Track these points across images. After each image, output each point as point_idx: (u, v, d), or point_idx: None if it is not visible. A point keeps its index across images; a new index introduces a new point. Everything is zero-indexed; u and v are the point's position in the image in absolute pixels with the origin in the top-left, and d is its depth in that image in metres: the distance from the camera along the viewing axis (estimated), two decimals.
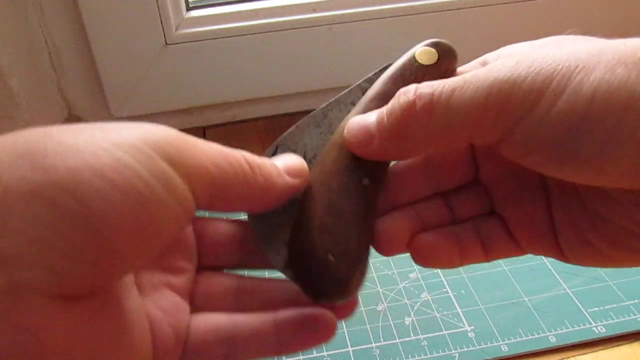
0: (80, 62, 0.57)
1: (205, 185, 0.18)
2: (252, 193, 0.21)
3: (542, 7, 0.61)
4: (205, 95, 0.59)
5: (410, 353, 0.35)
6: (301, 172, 0.23)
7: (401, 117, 0.21)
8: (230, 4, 0.57)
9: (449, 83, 0.20)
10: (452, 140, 0.21)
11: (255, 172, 0.21)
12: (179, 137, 0.19)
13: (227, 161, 0.20)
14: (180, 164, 0.17)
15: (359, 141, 0.22)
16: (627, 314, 0.37)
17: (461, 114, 0.20)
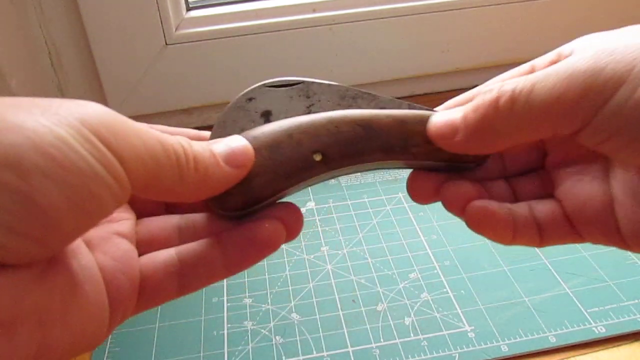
0: (80, 62, 0.57)
1: (138, 171, 0.18)
2: (185, 186, 0.20)
3: (543, 7, 0.61)
4: (205, 95, 0.59)
5: (410, 353, 0.35)
6: (243, 160, 0.22)
7: (485, 112, 0.22)
8: (230, 4, 0.57)
9: (530, 78, 0.21)
10: (535, 133, 0.22)
11: (190, 165, 0.20)
12: (117, 121, 0.19)
13: (164, 152, 0.19)
14: (115, 148, 0.18)
15: (444, 134, 0.23)
16: (627, 314, 0.37)
17: (542, 107, 0.20)
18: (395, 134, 0.24)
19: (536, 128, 0.21)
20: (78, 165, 0.16)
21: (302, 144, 0.24)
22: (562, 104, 0.20)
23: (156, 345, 0.37)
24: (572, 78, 0.20)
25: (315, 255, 0.44)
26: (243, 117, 0.25)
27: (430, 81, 0.64)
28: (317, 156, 0.24)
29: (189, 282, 0.23)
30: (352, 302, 0.39)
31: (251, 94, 0.26)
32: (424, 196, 0.26)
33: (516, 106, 0.21)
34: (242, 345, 0.36)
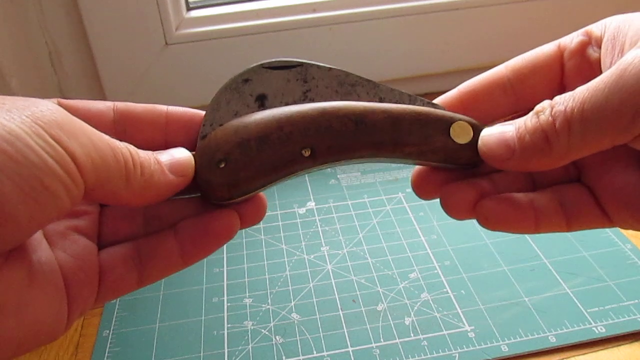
0: (80, 62, 0.57)
1: (88, 171, 0.19)
2: (131, 190, 0.21)
3: (543, 7, 0.61)
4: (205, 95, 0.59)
5: (410, 353, 0.35)
6: (186, 170, 0.23)
7: (544, 136, 0.22)
8: (230, 4, 0.57)
9: (578, 96, 0.21)
10: (593, 148, 0.21)
11: (136, 170, 0.21)
12: (68, 121, 0.19)
13: (113, 155, 0.20)
14: (67, 146, 0.18)
15: (498, 155, 0.23)
16: (627, 314, 0.37)
17: (597, 124, 0.20)
18: (387, 132, 0.24)
19: (595, 144, 0.21)
20: (30, 159, 0.17)
21: (291, 139, 0.23)
22: (619, 119, 0.20)
23: (156, 345, 0.37)
24: (624, 90, 0.19)
25: (316, 255, 0.44)
26: (237, 100, 0.25)
27: (430, 81, 0.64)
28: (306, 151, 0.24)
29: (147, 274, 0.24)
30: (352, 302, 0.39)
31: (247, 74, 0.26)
32: (429, 193, 0.26)
33: (572, 128, 0.21)
34: (242, 345, 0.36)
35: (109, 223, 0.25)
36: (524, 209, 0.24)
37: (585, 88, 0.21)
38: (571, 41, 0.26)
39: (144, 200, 0.22)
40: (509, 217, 0.24)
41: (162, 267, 0.24)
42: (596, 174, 0.25)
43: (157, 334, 0.37)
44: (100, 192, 0.20)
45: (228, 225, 0.24)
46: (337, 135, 0.24)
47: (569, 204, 0.25)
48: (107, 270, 0.23)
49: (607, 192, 0.24)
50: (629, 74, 0.19)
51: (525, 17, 0.61)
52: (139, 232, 0.25)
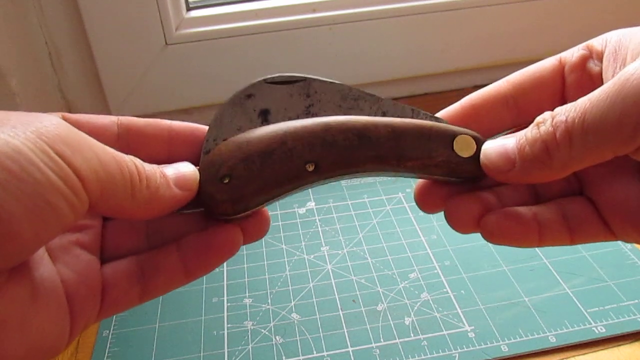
0: (80, 62, 0.57)
1: (93, 184, 0.19)
2: (136, 203, 0.21)
3: (543, 7, 0.61)
4: (205, 95, 0.59)
5: (410, 353, 0.35)
6: (191, 185, 0.23)
7: (543, 147, 0.22)
8: (230, 4, 0.57)
9: (579, 107, 0.21)
10: (595, 159, 0.21)
11: (142, 183, 0.21)
12: (74, 135, 0.19)
13: (119, 168, 0.20)
14: (71, 161, 0.18)
15: (500, 167, 0.23)
16: (627, 314, 0.37)
17: (598, 134, 0.20)
18: (391, 147, 0.24)
19: (596, 156, 0.21)
20: (35, 176, 0.17)
21: (295, 154, 0.23)
22: (620, 129, 0.20)
23: (156, 345, 0.37)
24: (626, 100, 0.19)
25: (316, 255, 0.44)
26: (241, 115, 0.25)
27: (430, 81, 0.64)
28: (310, 166, 0.23)
29: (150, 289, 0.24)
30: (352, 302, 0.39)
31: (250, 90, 0.26)
32: (433, 206, 0.26)
33: (574, 138, 0.21)
34: (242, 345, 0.36)
35: (112, 237, 0.25)
36: (528, 224, 0.24)
37: (586, 98, 0.21)
38: (572, 55, 0.26)
39: (148, 214, 0.22)
40: (513, 231, 0.24)
41: (164, 283, 0.24)
42: (598, 187, 0.25)
43: (157, 334, 0.37)
44: (105, 206, 0.20)
45: (231, 240, 0.24)
46: (341, 150, 0.24)
47: (572, 218, 0.25)
48: (110, 285, 0.23)
49: (609, 206, 0.24)
50: (631, 85, 0.19)
51: (525, 17, 0.61)
52: (142, 247, 0.25)
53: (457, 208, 0.25)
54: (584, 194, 0.26)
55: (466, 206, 0.25)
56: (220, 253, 0.24)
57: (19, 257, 0.18)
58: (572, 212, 0.25)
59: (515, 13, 0.61)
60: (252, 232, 0.25)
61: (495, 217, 0.24)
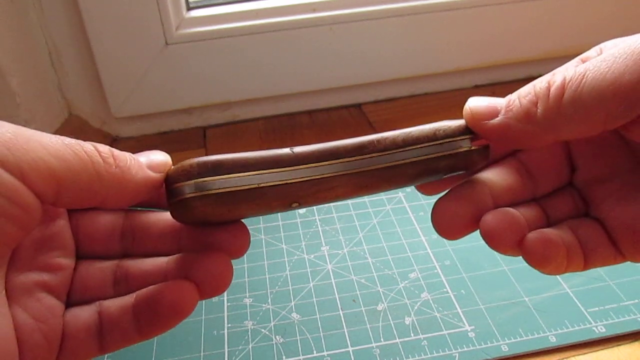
0: (80, 62, 0.57)
1: (45, 179, 0.17)
2: (106, 185, 0.19)
3: (543, 7, 0.61)
4: (205, 95, 0.59)
5: (410, 353, 0.35)
6: (164, 168, 0.22)
7: (532, 99, 0.21)
8: (230, 4, 0.57)
9: (580, 68, 0.20)
10: (584, 124, 0.20)
11: (109, 162, 0.20)
12: (11, 133, 0.17)
13: (70, 150, 0.18)
14: (11, 162, 0.16)
15: (480, 113, 0.22)
16: (627, 314, 0.37)
17: (595, 93, 0.19)
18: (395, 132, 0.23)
19: (587, 118, 0.20)
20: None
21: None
22: (618, 88, 0.19)
23: (156, 345, 0.37)
24: (628, 59, 0.19)
25: (316, 255, 0.44)
26: None
27: (430, 81, 0.65)
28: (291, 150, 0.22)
29: (107, 344, 0.22)
30: (353, 301, 0.39)
31: None
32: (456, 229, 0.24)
33: (567, 94, 0.20)
34: (242, 345, 0.36)
35: (80, 278, 0.23)
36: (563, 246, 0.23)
37: (590, 62, 0.20)
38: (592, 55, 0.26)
39: (124, 197, 0.21)
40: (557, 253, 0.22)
41: (118, 339, 0.22)
42: (606, 206, 0.24)
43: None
44: (70, 195, 0.19)
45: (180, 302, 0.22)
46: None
47: (584, 242, 0.23)
48: (69, 334, 0.22)
49: (618, 226, 0.23)
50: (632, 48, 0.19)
51: (525, 17, 0.61)
52: (108, 291, 0.23)
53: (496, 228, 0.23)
54: (591, 215, 0.24)
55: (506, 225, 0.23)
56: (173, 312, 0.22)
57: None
58: (584, 236, 0.23)
59: (515, 13, 0.61)
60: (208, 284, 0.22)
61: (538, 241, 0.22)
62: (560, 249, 0.22)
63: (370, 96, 0.65)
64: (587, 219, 0.24)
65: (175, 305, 0.22)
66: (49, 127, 0.57)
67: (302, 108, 0.63)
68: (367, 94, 0.65)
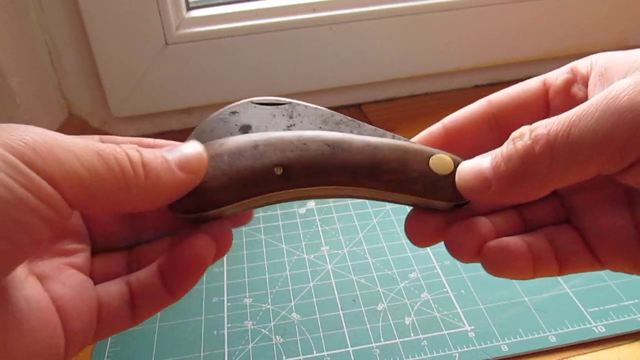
0: (80, 62, 0.57)
1: (77, 191, 0.18)
2: (136, 195, 0.20)
3: (543, 7, 0.61)
4: (205, 95, 0.59)
5: (410, 353, 0.35)
6: (197, 167, 0.22)
7: (520, 162, 0.20)
8: (230, 4, 0.57)
9: (563, 120, 0.20)
10: (577, 176, 0.20)
11: (138, 171, 0.20)
12: (44, 140, 0.18)
13: (104, 162, 0.19)
14: (44, 169, 0.17)
15: (475, 188, 0.22)
16: (627, 314, 0.37)
17: (586, 150, 0.19)
18: (365, 159, 0.24)
19: (579, 172, 0.20)
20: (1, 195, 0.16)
21: (264, 156, 0.23)
22: (608, 144, 0.19)
23: (156, 345, 0.37)
24: (615, 116, 0.18)
25: (316, 255, 0.44)
26: (222, 128, 0.25)
27: (430, 81, 0.65)
28: (278, 170, 0.23)
29: (140, 311, 0.23)
30: (352, 301, 0.39)
31: (235, 107, 0.26)
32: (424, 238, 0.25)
33: (556, 152, 0.20)
34: (242, 345, 0.37)
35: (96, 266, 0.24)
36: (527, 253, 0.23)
37: (572, 112, 0.20)
38: (556, 78, 0.25)
39: (153, 203, 0.21)
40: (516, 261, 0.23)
41: (152, 304, 0.23)
42: (586, 215, 0.24)
43: (157, 334, 0.37)
44: (96, 205, 0.19)
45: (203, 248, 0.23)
46: (312, 157, 0.23)
47: (561, 248, 0.24)
48: (104, 305, 0.22)
49: (597, 235, 0.23)
50: (620, 101, 0.19)
51: (525, 17, 0.61)
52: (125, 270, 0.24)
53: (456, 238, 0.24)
54: (571, 222, 0.25)
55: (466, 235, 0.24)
56: (193, 263, 0.23)
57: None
58: (560, 243, 0.24)
59: (515, 13, 0.61)
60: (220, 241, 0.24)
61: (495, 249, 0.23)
62: (519, 256, 0.23)
63: (370, 96, 0.65)
64: (566, 226, 0.24)
65: (197, 254, 0.23)
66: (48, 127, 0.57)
67: None
68: (367, 94, 0.65)
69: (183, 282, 0.23)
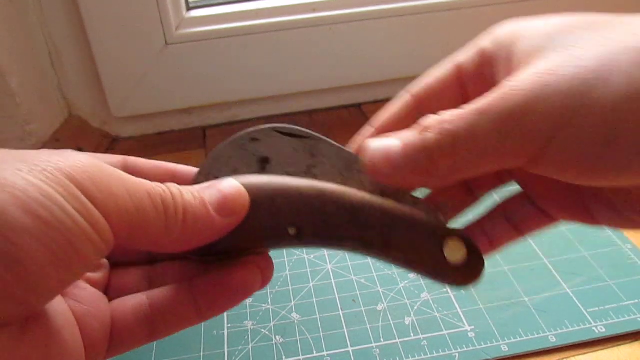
0: (80, 62, 0.57)
1: (123, 224, 0.18)
2: (171, 238, 0.20)
3: (542, 7, 0.61)
4: (205, 95, 0.59)
5: (410, 353, 0.35)
6: (236, 209, 0.22)
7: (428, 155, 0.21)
8: (230, 4, 0.57)
9: (463, 116, 0.20)
10: (481, 170, 0.20)
11: (178, 216, 0.20)
12: (103, 173, 0.18)
13: (152, 204, 0.19)
14: (101, 203, 0.17)
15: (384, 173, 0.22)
16: (627, 314, 0.37)
17: (483, 148, 0.19)
18: (379, 233, 0.23)
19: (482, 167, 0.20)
20: (65, 223, 0.16)
21: (280, 213, 0.22)
22: (502, 144, 0.19)
23: (156, 345, 0.37)
24: (511, 116, 0.19)
25: (316, 255, 0.44)
26: (240, 157, 0.24)
27: None
28: (292, 230, 0.23)
29: (159, 328, 0.23)
30: (352, 301, 0.39)
31: (257, 134, 0.25)
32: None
33: (458, 150, 0.20)
34: (242, 345, 0.37)
35: (115, 280, 0.24)
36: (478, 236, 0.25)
37: (473, 108, 0.20)
38: (466, 61, 0.25)
39: (185, 246, 0.21)
40: None
41: (175, 322, 0.23)
42: (527, 177, 0.25)
43: None
44: (136, 242, 0.19)
45: (251, 279, 0.23)
46: (327, 222, 0.23)
47: (513, 216, 0.25)
48: (118, 321, 0.22)
49: (544, 199, 0.24)
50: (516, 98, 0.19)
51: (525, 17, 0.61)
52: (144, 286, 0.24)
53: None
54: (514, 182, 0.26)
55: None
56: (237, 293, 0.23)
57: (41, 305, 0.18)
58: (512, 212, 0.25)
59: (515, 13, 0.61)
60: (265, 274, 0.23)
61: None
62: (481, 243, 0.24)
63: (370, 96, 0.65)
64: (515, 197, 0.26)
65: (246, 284, 0.22)
66: (49, 127, 0.57)
67: (302, 108, 0.63)
68: (367, 94, 0.65)
69: (219, 308, 0.23)
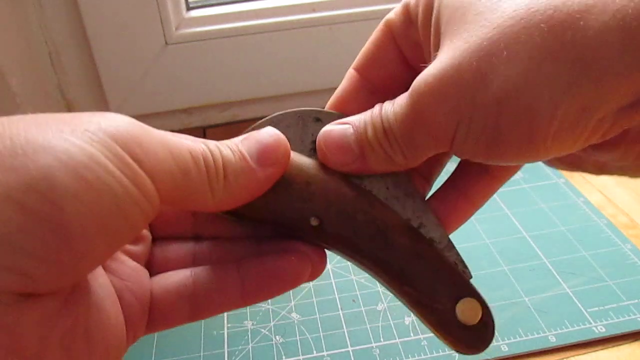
0: (80, 62, 0.57)
1: (167, 186, 0.18)
2: (215, 197, 0.19)
3: None
4: (205, 95, 0.59)
5: (410, 353, 0.35)
6: (277, 157, 0.21)
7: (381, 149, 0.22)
8: (230, 4, 0.57)
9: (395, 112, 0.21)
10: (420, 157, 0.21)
11: (219, 174, 0.19)
12: (145, 134, 0.18)
13: (194, 163, 0.19)
14: (146, 164, 0.17)
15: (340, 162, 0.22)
16: (627, 314, 0.37)
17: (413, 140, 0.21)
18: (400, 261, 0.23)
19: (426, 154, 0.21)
20: (111, 186, 0.16)
21: (310, 199, 0.22)
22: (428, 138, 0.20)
23: (156, 345, 0.37)
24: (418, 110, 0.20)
25: None
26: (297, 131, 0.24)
27: None
28: (314, 221, 0.22)
29: (201, 308, 0.22)
30: (352, 301, 0.39)
31: (322, 115, 0.24)
32: None
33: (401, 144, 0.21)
34: (242, 345, 0.37)
35: (159, 253, 0.24)
36: None
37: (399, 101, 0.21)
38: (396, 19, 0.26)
39: (229, 205, 0.20)
40: None
41: (218, 303, 0.22)
42: None
43: (157, 334, 0.37)
44: (181, 203, 0.19)
45: (301, 270, 0.22)
46: (352, 227, 0.22)
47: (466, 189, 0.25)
48: (159, 297, 0.22)
49: None
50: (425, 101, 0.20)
51: None
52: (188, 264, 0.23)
53: None
54: None
55: None
56: (285, 282, 0.22)
57: (87, 272, 0.17)
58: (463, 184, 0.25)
59: None
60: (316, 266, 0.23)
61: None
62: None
63: None
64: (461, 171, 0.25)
65: (295, 274, 0.22)
66: None
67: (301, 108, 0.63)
68: None
69: (265, 294, 0.22)
